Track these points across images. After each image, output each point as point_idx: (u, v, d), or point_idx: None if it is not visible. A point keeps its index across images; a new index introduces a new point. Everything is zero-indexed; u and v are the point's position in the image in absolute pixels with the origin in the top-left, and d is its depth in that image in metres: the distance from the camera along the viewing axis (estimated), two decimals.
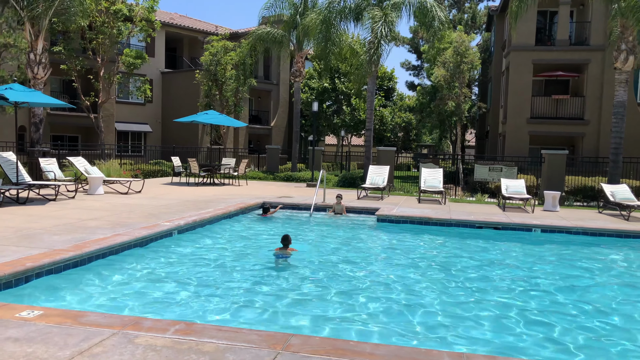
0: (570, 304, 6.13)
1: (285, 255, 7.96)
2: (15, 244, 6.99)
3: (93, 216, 9.74)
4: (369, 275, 7.26)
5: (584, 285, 7.08)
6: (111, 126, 29.41)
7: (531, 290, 6.73)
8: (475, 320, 5.40)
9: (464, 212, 12.68)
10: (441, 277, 7.19)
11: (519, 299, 6.29)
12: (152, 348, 3.79)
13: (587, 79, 24.97)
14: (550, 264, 8.30)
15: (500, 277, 7.31)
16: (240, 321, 5.16)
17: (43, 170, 13.82)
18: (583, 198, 16.97)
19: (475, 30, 39.85)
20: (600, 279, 7.52)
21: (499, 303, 6.07)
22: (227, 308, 5.56)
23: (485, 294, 6.46)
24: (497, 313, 5.68)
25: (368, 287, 6.59)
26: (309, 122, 35.76)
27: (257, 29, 24.50)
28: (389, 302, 5.93)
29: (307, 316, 5.37)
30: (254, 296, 5.99)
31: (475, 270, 7.67)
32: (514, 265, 8.11)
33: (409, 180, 23.87)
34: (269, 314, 5.40)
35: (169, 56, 36.44)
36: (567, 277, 7.46)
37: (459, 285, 6.79)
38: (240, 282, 6.59)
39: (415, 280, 6.98)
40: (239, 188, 17.61)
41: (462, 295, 6.30)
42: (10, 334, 3.96)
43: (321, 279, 6.90)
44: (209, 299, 5.82)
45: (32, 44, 16.40)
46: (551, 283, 7.07)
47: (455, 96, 26.24)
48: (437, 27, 19.32)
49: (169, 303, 5.61)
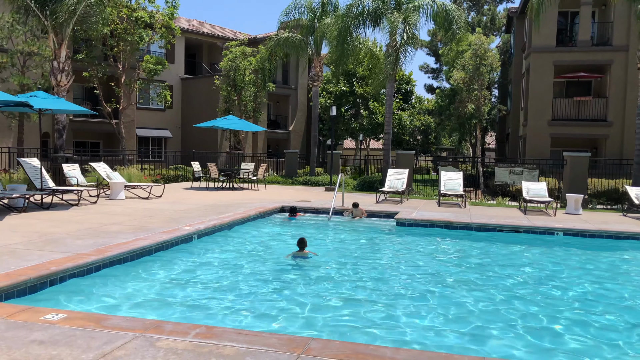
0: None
1: (302, 257, 8.04)
2: (40, 248, 7.12)
3: (115, 221, 9.87)
4: (387, 278, 7.22)
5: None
6: (132, 132, 29.83)
7: (556, 293, 6.62)
8: (509, 325, 5.34)
9: (484, 215, 12.54)
10: (468, 281, 7.11)
11: (544, 303, 6.19)
12: (173, 351, 3.81)
13: (610, 80, 24.54)
14: (576, 269, 8.16)
15: (523, 279, 7.21)
16: (260, 325, 5.17)
17: (66, 176, 14.06)
18: (607, 201, 16.66)
19: (495, 32, 39.53)
20: (628, 283, 7.37)
21: (523, 309, 5.99)
22: (247, 311, 5.57)
23: (511, 299, 6.38)
24: (521, 319, 5.61)
25: (387, 290, 6.55)
26: (327, 126, 35.80)
27: (276, 34, 24.64)
28: (409, 306, 5.89)
29: (327, 320, 5.35)
30: (274, 300, 6.00)
31: (502, 275, 7.58)
32: (539, 268, 7.99)
33: (429, 184, 23.72)
34: (288, 317, 5.40)
35: (189, 62, 36.84)
36: (596, 281, 7.32)
37: (485, 290, 6.71)
38: (260, 285, 6.61)
39: (436, 284, 6.92)
40: (258, 192, 17.69)
41: (492, 302, 6.23)
42: (36, 337, 4.03)
43: (340, 282, 6.87)
44: (229, 303, 5.85)
45: (56, 52, 16.72)
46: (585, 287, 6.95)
47: (474, 99, 26.03)
48: (456, 29, 19.21)
49: (189, 306, 5.64)
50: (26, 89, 22.18)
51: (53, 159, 17.23)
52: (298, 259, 8.01)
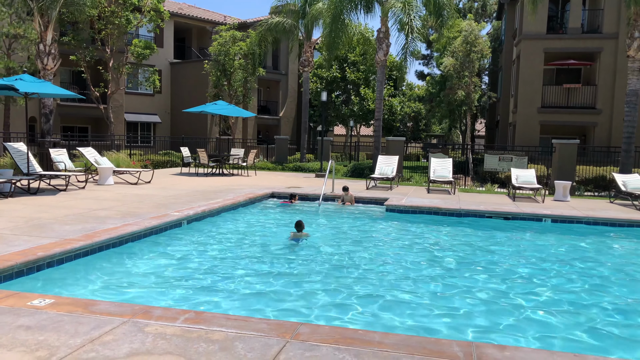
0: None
1: (301, 238, 8.37)
2: (26, 233, 7.05)
3: (103, 206, 9.80)
4: (377, 264, 7.24)
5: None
6: (120, 117, 29.53)
7: (537, 278, 6.69)
8: (485, 310, 5.39)
9: (473, 202, 12.61)
10: (450, 266, 7.16)
11: (519, 286, 6.26)
12: (162, 336, 3.81)
13: (600, 68, 24.65)
14: (562, 254, 8.25)
15: (507, 264, 7.28)
16: (249, 309, 5.17)
17: (53, 161, 13.91)
18: (594, 188, 16.82)
19: (486, 18, 39.41)
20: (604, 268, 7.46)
21: (494, 289, 6.05)
22: (236, 296, 5.58)
23: (487, 282, 6.44)
24: (495, 300, 5.67)
25: (375, 276, 6.58)
26: (318, 112, 35.67)
27: (267, 19, 24.39)
28: (396, 291, 5.92)
29: (316, 304, 5.37)
30: (264, 285, 6.01)
31: (486, 260, 7.64)
32: (523, 255, 8.07)
33: (418, 171, 23.78)
34: (277, 301, 5.41)
35: (178, 47, 36.43)
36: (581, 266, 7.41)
37: (468, 274, 6.77)
38: (249, 271, 6.61)
39: (422, 269, 6.97)
40: (248, 178, 17.64)
41: (471, 286, 6.28)
42: (22, 322, 4.00)
43: (330, 268, 6.89)
44: (218, 288, 5.85)
45: (42, 34, 16.44)
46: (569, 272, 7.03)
47: (465, 85, 26.01)
48: (447, 15, 19.13)
49: (178, 292, 5.64)
50: (12, 73, 21.83)
51: (40, 143, 17.03)
52: (296, 240, 8.34)
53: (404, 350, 3.65)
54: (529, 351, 3.82)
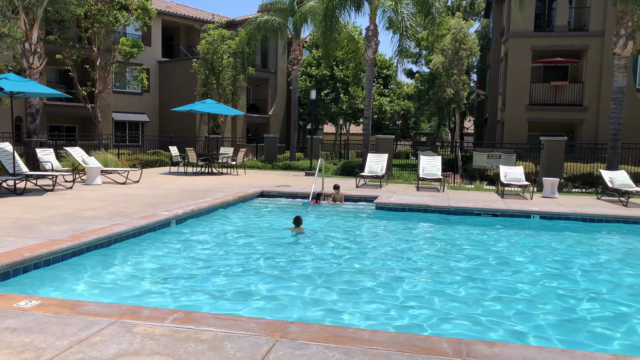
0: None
1: (298, 233, 8.65)
2: (12, 234, 6.97)
3: (91, 206, 9.71)
4: (365, 261, 7.25)
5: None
6: (108, 116, 29.29)
7: (519, 274, 6.74)
8: (477, 307, 5.42)
9: (462, 199, 12.67)
10: (437, 264, 7.19)
11: (511, 281, 6.30)
12: (150, 337, 3.78)
13: (586, 65, 24.87)
14: (549, 249, 8.31)
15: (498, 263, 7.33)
16: (237, 309, 5.15)
17: (40, 161, 13.76)
18: (582, 184, 16.97)
19: (474, 16, 39.59)
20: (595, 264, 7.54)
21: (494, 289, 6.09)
22: (225, 296, 5.55)
23: (476, 280, 6.47)
24: (494, 300, 5.70)
25: (365, 273, 6.58)
26: (307, 110, 35.61)
27: (256, 17, 24.30)
28: (387, 288, 5.93)
29: (306, 303, 5.37)
30: (253, 284, 5.98)
31: (472, 258, 7.68)
32: (511, 251, 8.12)
33: (408, 169, 23.85)
34: (267, 301, 5.39)
35: (166, 45, 36.19)
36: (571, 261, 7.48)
37: (457, 272, 6.80)
38: (238, 269, 6.58)
39: (411, 266, 6.98)
40: (237, 177, 17.58)
41: (459, 285, 6.31)
42: (8, 324, 3.95)
43: (319, 266, 6.88)
44: (207, 287, 5.81)
45: (27, 33, 16.26)
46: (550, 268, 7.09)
47: (453, 83, 26.15)
48: (435, 13, 19.18)
49: (167, 292, 5.60)
50: None
51: (26, 143, 16.84)
52: (293, 234, 8.63)
53: (394, 347, 3.65)
54: (518, 347, 3.84)
